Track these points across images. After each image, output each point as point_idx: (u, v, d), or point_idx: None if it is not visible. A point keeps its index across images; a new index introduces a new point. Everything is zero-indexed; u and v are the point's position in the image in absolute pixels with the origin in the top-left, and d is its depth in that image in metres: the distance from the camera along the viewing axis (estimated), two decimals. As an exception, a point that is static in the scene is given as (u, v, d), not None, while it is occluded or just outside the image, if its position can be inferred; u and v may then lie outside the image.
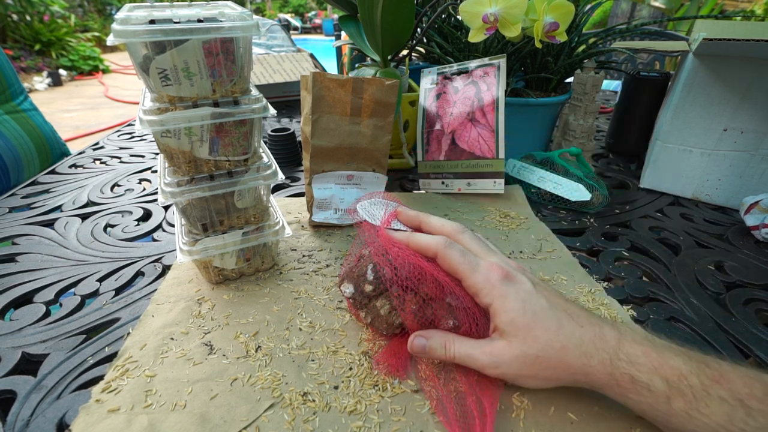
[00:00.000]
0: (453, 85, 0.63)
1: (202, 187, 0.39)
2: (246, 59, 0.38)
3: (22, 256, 0.50)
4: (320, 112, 0.50)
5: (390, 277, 0.34)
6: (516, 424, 0.30)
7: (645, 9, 3.70)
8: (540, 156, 0.65)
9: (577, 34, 0.70)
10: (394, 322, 0.36)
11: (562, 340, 0.29)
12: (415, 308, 0.34)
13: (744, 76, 0.55)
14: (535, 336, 0.29)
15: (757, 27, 0.57)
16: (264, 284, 0.45)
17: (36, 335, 0.39)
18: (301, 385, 0.34)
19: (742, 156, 0.58)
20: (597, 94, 0.68)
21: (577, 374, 0.29)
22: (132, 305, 0.42)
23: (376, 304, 0.36)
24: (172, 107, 0.36)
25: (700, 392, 0.25)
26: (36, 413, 0.32)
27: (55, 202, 0.63)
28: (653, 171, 0.66)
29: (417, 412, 0.31)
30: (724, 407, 0.24)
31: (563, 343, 0.29)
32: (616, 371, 0.27)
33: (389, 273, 0.34)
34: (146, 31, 0.32)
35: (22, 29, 4.96)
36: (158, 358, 0.36)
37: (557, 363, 0.29)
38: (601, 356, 0.28)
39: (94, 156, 0.82)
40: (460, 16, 0.60)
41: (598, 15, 3.37)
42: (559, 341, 0.29)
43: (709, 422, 0.24)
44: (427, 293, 0.33)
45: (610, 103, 1.17)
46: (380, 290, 0.35)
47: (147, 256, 0.50)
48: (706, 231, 0.56)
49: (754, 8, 3.23)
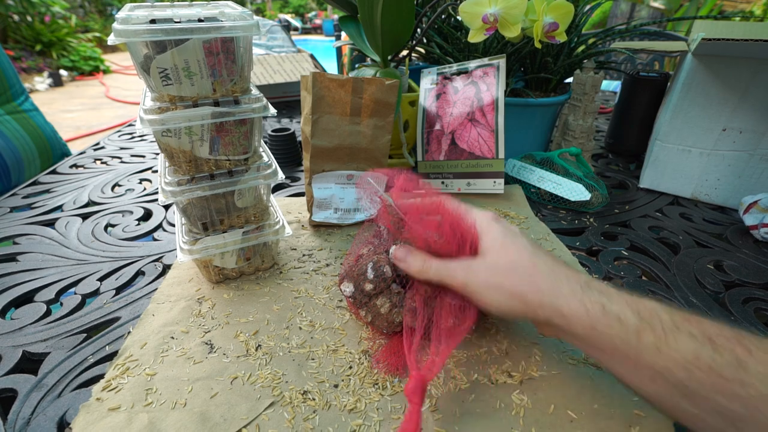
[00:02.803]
0: (453, 86, 0.64)
1: (202, 186, 0.39)
2: (246, 59, 0.38)
3: (23, 255, 0.51)
4: (320, 112, 0.51)
5: (391, 274, 0.34)
6: (516, 422, 0.31)
7: (644, 9, 3.70)
8: (540, 156, 0.66)
9: (577, 35, 0.70)
10: (395, 321, 0.36)
11: (534, 259, 0.30)
12: (414, 306, 0.34)
13: (743, 76, 0.55)
14: (508, 251, 0.31)
15: (755, 27, 0.57)
16: (264, 283, 0.46)
17: (37, 334, 0.39)
18: (301, 383, 0.34)
19: (740, 156, 0.59)
20: (596, 94, 0.68)
21: (545, 297, 0.28)
22: (132, 304, 0.43)
23: (376, 302, 0.36)
24: (173, 107, 0.36)
25: (670, 327, 0.25)
26: (37, 412, 0.32)
27: (56, 202, 0.64)
28: (652, 171, 0.66)
29: (416, 411, 0.31)
30: (693, 343, 0.24)
31: (534, 261, 0.30)
32: (587, 299, 0.27)
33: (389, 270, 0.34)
34: (147, 30, 0.32)
35: (23, 30, 4.97)
36: (158, 357, 0.36)
37: (526, 279, 0.29)
38: (572, 286, 0.28)
39: (95, 156, 0.82)
40: (459, 16, 0.61)
41: (597, 15, 3.37)
42: (531, 260, 0.30)
43: (677, 357, 0.24)
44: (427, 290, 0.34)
45: (610, 104, 1.18)
46: (380, 289, 0.35)
47: (147, 256, 0.50)
48: (705, 230, 0.56)
49: (753, 9, 3.24)
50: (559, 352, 0.36)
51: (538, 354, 0.36)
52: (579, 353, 0.36)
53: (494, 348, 0.37)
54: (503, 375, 0.34)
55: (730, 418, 0.22)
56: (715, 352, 0.23)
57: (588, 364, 0.35)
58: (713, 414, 0.23)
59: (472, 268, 0.31)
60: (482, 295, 0.30)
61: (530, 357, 0.36)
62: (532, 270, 0.29)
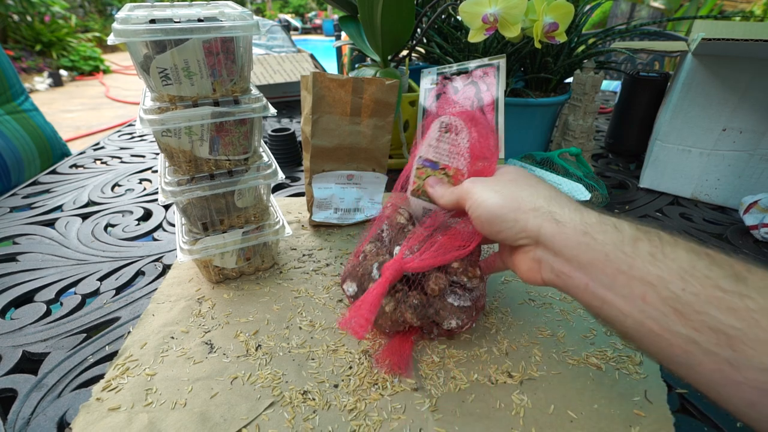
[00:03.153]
0: (453, 86, 0.63)
1: (202, 186, 0.39)
2: (246, 59, 0.38)
3: (23, 255, 0.51)
4: (320, 112, 0.51)
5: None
6: (516, 422, 0.31)
7: (644, 9, 3.70)
8: (540, 156, 0.66)
9: (577, 35, 0.70)
10: (399, 320, 0.35)
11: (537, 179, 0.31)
12: (416, 303, 0.34)
13: (743, 76, 0.55)
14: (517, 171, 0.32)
15: (755, 27, 0.57)
16: (264, 283, 0.45)
17: (37, 334, 0.39)
18: (301, 383, 0.34)
19: (740, 156, 0.59)
20: (596, 94, 0.68)
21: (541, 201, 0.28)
22: (132, 304, 0.43)
23: (381, 302, 0.35)
24: (173, 106, 0.36)
25: (668, 239, 0.24)
26: (37, 412, 0.32)
27: (56, 202, 0.63)
28: (652, 171, 0.66)
29: (417, 410, 0.32)
30: (690, 255, 0.22)
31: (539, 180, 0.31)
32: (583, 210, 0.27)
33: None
34: (147, 30, 0.32)
35: (23, 30, 4.96)
36: (158, 357, 0.36)
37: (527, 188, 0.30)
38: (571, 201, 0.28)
39: (95, 156, 0.82)
40: (459, 16, 0.61)
41: (597, 15, 3.37)
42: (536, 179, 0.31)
43: (673, 266, 0.22)
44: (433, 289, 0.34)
45: (610, 104, 1.18)
46: (390, 290, 0.35)
47: (147, 256, 0.50)
48: (706, 230, 0.56)
49: (753, 8, 3.24)
50: (559, 352, 0.36)
51: (538, 354, 0.36)
52: (579, 353, 0.36)
53: (494, 348, 0.37)
54: (503, 375, 0.34)
55: (726, 336, 0.20)
56: (712, 264, 0.21)
57: (588, 364, 0.35)
58: (707, 332, 0.20)
59: (479, 178, 0.33)
60: (479, 194, 0.30)
61: (530, 357, 0.36)
62: (534, 182, 0.30)
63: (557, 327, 0.39)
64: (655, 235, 0.24)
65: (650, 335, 0.22)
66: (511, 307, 0.42)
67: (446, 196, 0.34)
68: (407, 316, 0.34)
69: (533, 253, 0.29)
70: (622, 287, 0.23)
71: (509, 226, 0.29)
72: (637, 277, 0.23)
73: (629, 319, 0.23)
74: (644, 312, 0.22)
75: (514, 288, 0.45)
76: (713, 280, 0.21)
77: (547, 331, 0.39)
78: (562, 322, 0.40)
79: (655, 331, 0.22)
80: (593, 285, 0.25)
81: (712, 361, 0.20)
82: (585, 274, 0.25)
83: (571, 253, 0.26)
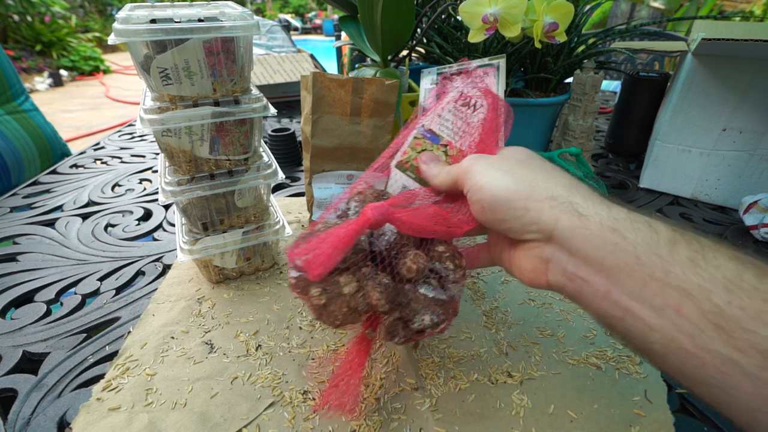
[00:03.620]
0: (453, 86, 0.63)
1: (202, 186, 0.39)
2: (246, 59, 0.38)
3: (23, 255, 0.51)
4: (320, 112, 0.51)
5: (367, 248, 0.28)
6: (516, 422, 0.31)
7: (644, 9, 3.70)
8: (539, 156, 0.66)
9: (577, 35, 0.70)
10: (358, 307, 0.27)
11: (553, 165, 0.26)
12: (387, 282, 0.27)
13: (742, 77, 0.55)
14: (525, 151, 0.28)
15: (755, 27, 0.57)
16: (264, 283, 0.45)
17: (37, 334, 0.39)
18: (301, 383, 0.34)
19: (740, 156, 0.59)
20: (596, 94, 0.68)
21: (559, 189, 0.24)
22: (132, 304, 0.43)
23: (339, 279, 0.27)
24: (173, 106, 0.36)
25: (709, 244, 0.20)
26: (37, 411, 0.32)
27: (56, 202, 0.63)
28: (652, 171, 0.66)
29: (417, 410, 0.32)
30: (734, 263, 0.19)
31: (554, 166, 0.26)
32: (609, 202, 0.23)
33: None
34: (147, 30, 0.32)
35: (23, 30, 4.97)
36: (159, 357, 0.36)
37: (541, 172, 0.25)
38: (592, 190, 0.24)
39: (95, 156, 0.82)
40: (459, 16, 0.61)
41: (597, 15, 3.37)
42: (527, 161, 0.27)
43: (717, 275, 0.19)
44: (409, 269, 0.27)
45: (610, 104, 1.18)
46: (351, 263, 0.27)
47: (147, 256, 0.50)
48: (706, 230, 0.56)
49: (753, 9, 3.24)
50: (559, 352, 0.36)
51: (538, 354, 0.36)
52: (579, 353, 0.36)
53: (494, 348, 0.37)
54: (503, 375, 0.34)
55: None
56: (762, 275, 0.18)
57: (588, 364, 0.35)
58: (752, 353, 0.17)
59: (482, 156, 0.28)
60: (483, 174, 0.26)
61: (530, 357, 0.36)
62: (550, 167, 0.25)
63: (557, 327, 0.39)
64: (694, 238, 0.21)
65: (679, 353, 0.19)
66: (511, 307, 0.42)
67: (441, 175, 0.29)
68: (373, 297, 0.26)
69: (540, 251, 0.24)
70: (653, 296, 0.20)
71: (518, 215, 0.24)
72: (673, 285, 0.19)
73: (657, 333, 0.20)
74: (677, 326, 0.19)
75: (514, 288, 0.45)
76: (763, 293, 0.18)
77: (547, 331, 0.39)
78: (562, 322, 0.40)
79: (687, 348, 0.19)
80: (616, 292, 0.21)
81: (754, 385, 0.17)
82: (607, 278, 0.21)
83: (593, 254, 0.22)
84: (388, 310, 0.27)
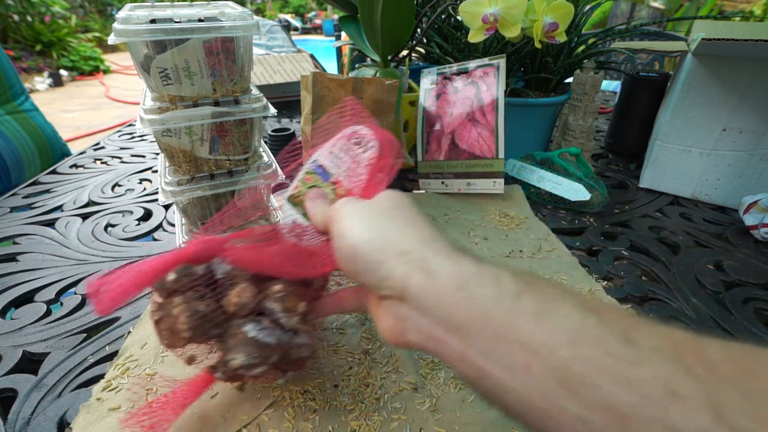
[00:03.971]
0: (453, 86, 0.64)
1: (202, 186, 0.39)
2: (246, 59, 0.38)
3: (23, 255, 0.51)
4: (320, 112, 0.51)
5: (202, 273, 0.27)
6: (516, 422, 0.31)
7: (644, 9, 3.71)
8: (539, 156, 0.66)
9: (577, 35, 0.70)
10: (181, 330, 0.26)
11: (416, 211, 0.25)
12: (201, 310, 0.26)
13: (742, 77, 0.55)
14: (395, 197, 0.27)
15: (755, 27, 0.57)
16: (264, 283, 0.45)
17: (37, 334, 0.39)
18: (301, 383, 0.34)
19: (740, 156, 0.59)
20: (596, 94, 0.68)
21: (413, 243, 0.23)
22: (132, 304, 0.43)
23: (174, 299, 0.27)
24: (173, 106, 0.36)
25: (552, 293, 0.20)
26: (37, 412, 0.32)
27: (56, 202, 0.63)
28: (652, 171, 0.66)
29: (417, 410, 0.32)
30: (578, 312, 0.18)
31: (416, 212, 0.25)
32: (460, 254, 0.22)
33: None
34: (147, 30, 0.32)
35: (23, 30, 4.97)
36: (159, 357, 0.36)
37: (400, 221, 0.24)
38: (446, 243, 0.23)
39: (95, 156, 0.82)
40: (459, 16, 0.61)
41: (597, 15, 3.37)
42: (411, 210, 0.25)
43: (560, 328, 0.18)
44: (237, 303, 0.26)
45: (610, 104, 1.18)
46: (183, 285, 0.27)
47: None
48: (706, 230, 0.56)
49: (753, 9, 3.24)
50: (559, 352, 0.36)
51: (538, 354, 0.36)
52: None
53: (494, 348, 0.37)
54: (503, 375, 0.34)
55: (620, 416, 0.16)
56: (600, 322, 0.18)
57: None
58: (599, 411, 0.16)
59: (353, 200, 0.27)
60: (345, 221, 0.25)
61: (530, 357, 0.36)
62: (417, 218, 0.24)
63: (557, 327, 0.39)
64: (538, 288, 0.20)
65: (536, 412, 0.18)
66: (511, 307, 0.42)
67: (318, 215, 0.28)
68: (179, 321, 0.25)
69: (397, 308, 0.23)
70: (503, 355, 0.19)
71: (372, 268, 0.23)
72: (521, 341, 0.18)
73: (513, 394, 0.19)
74: (529, 386, 0.18)
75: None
76: (604, 342, 0.17)
77: (547, 331, 0.39)
78: (562, 322, 0.40)
79: (541, 408, 0.18)
80: (470, 353, 0.20)
81: None
82: (461, 338, 0.20)
83: (444, 313, 0.21)
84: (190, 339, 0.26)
